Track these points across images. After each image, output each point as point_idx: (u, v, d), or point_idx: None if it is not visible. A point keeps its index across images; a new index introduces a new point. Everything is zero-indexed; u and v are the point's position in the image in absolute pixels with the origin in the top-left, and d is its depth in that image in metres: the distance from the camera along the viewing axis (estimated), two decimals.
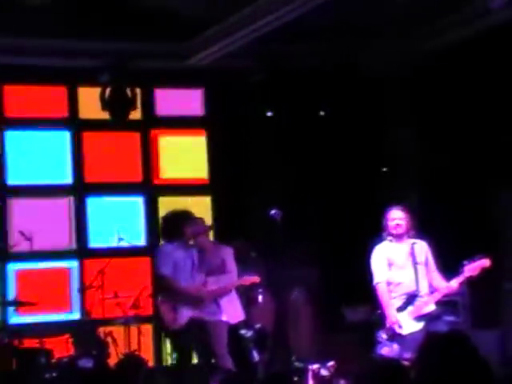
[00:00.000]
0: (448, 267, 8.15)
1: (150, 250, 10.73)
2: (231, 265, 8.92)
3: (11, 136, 10.94)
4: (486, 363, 3.61)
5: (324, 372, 8.75)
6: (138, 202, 11.30)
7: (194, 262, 8.66)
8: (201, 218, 9.08)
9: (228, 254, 8.98)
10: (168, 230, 8.82)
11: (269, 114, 10.96)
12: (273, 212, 8.94)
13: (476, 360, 3.61)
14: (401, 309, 7.88)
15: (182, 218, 8.77)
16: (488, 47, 9.58)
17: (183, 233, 8.67)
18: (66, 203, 11.10)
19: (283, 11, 9.42)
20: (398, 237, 8.04)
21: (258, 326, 9.25)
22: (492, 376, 3.59)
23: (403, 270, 7.93)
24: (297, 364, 9.13)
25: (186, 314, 8.41)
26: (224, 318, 8.72)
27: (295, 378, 8.52)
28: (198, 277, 8.67)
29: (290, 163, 11.07)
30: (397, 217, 8.09)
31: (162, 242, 9.14)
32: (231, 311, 8.82)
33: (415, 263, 7.91)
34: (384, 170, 11.17)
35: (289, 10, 9.36)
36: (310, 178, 10.89)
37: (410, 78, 10.93)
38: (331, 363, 8.87)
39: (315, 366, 9.21)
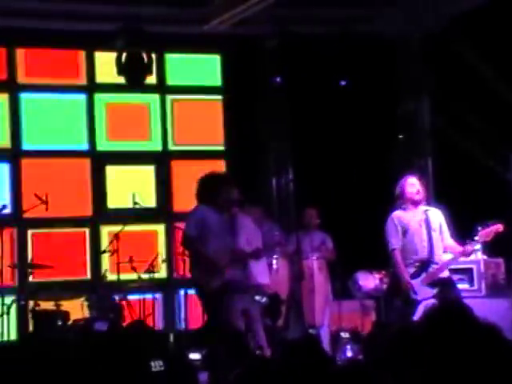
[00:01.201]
0: (462, 233, 8.14)
1: (162, 216, 10.82)
2: (256, 229, 8.95)
3: (26, 99, 10.86)
4: (488, 332, 3.52)
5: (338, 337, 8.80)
6: (152, 169, 11.28)
7: (226, 225, 8.53)
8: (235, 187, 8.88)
9: (251, 218, 9.00)
10: (203, 193, 8.59)
11: (278, 79, 10.96)
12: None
13: (475, 330, 3.53)
14: (415, 275, 7.86)
15: (219, 183, 8.63)
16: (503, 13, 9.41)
17: (218, 197, 8.49)
18: (82, 168, 11.06)
19: None
20: (416, 203, 8.05)
21: (271, 292, 9.19)
22: (496, 344, 3.56)
23: (417, 237, 7.91)
24: (310, 330, 9.19)
25: (219, 277, 8.29)
26: (254, 281, 8.70)
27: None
28: (230, 240, 8.52)
29: (304, 128, 11.03)
30: (415, 183, 8.16)
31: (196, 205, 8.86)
32: (261, 275, 8.87)
33: (429, 230, 7.90)
34: (400, 136, 11.16)
35: None
36: (324, 144, 10.84)
37: (423, 45, 10.90)
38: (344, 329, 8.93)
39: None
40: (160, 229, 11.05)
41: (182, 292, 10.51)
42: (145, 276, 9.77)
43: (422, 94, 11.21)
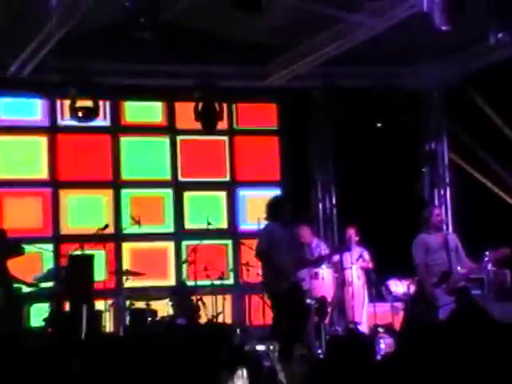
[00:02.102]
0: (475, 254, 8.33)
1: (232, 235, 10.95)
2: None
3: (126, 141, 11.10)
4: (502, 327, 3.60)
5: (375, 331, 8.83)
6: (222, 196, 11.34)
7: (288, 239, 8.56)
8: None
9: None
10: (271, 212, 8.57)
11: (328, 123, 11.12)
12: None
13: (491, 326, 3.60)
14: (437, 285, 8.06)
15: (282, 203, 8.71)
16: None
17: (282, 215, 8.52)
18: (166, 196, 11.13)
19: (340, 42, 9.40)
20: (439, 229, 8.34)
21: (320, 296, 9.29)
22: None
23: (439, 255, 8.15)
24: (351, 326, 9.25)
25: (286, 281, 8.33)
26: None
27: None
28: (292, 252, 8.59)
29: (345, 162, 11.09)
30: (440, 213, 8.54)
31: (265, 222, 8.82)
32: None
33: (448, 250, 8.14)
34: (423, 169, 11.24)
35: (345, 41, 9.32)
36: (362, 175, 10.85)
37: (442, 95, 11.06)
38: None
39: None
40: (229, 244, 11.16)
41: (246, 295, 10.51)
42: (216, 282, 9.81)
43: (442, 135, 11.30)
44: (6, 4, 7.55)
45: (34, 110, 10.78)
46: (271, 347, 7.69)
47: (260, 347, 7.87)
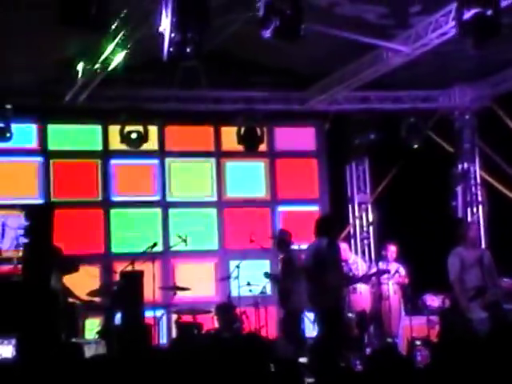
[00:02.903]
0: (505, 271, 8.40)
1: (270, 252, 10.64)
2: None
3: (171, 162, 11.15)
4: None
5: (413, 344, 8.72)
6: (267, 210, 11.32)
7: (336, 256, 8.38)
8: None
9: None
10: (320, 230, 8.31)
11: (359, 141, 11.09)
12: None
13: None
14: (472, 299, 7.96)
15: (331, 222, 8.58)
16: None
17: (331, 232, 8.35)
18: (211, 212, 11.16)
19: (375, 68, 9.40)
20: (474, 245, 8.29)
21: (360, 309, 9.26)
22: None
23: (473, 270, 8.06)
24: (389, 340, 9.19)
25: (334, 298, 8.22)
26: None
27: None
28: (340, 267, 8.57)
29: (382, 182, 11.15)
30: (476, 230, 8.73)
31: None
32: None
33: (482, 266, 8.05)
34: (457, 188, 11.11)
35: (380, 67, 9.34)
36: (399, 194, 10.82)
37: (475, 118, 10.96)
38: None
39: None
40: (267, 263, 10.99)
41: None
42: (258, 295, 9.77)
43: (474, 155, 11.20)
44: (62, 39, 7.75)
45: (85, 136, 10.87)
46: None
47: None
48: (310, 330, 9.11)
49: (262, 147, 10.79)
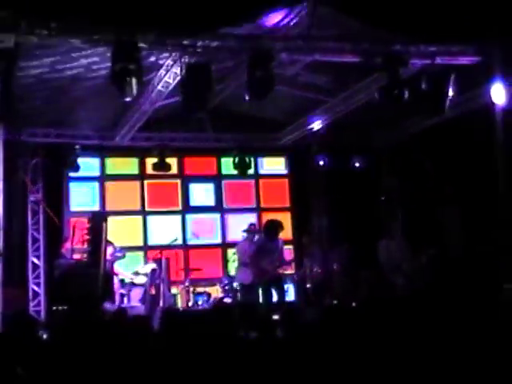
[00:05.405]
0: None
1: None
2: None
3: (192, 185, 11.00)
4: None
5: None
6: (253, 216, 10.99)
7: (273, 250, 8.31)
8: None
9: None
10: (269, 230, 8.37)
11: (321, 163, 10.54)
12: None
13: None
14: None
15: (277, 225, 8.52)
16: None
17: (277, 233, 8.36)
18: (216, 218, 10.92)
19: (330, 114, 9.21)
20: None
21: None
22: None
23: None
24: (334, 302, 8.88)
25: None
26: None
27: None
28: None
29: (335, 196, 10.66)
30: None
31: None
32: None
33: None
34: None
35: (333, 113, 9.13)
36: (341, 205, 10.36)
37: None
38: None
39: None
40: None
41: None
42: None
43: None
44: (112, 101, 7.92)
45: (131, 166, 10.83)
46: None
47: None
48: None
49: (250, 171, 10.57)
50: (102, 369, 3.00)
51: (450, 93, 6.68)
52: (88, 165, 10.38)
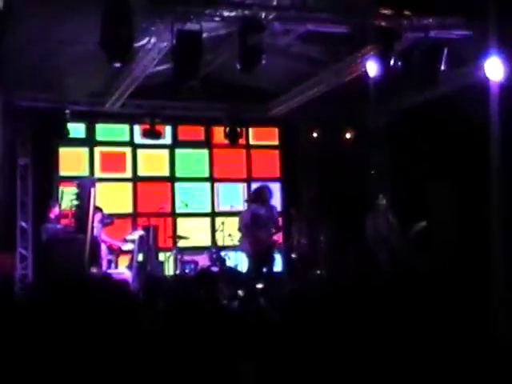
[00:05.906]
0: None
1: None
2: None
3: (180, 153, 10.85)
4: None
5: None
6: (243, 185, 11.01)
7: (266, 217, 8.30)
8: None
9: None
10: (257, 195, 8.38)
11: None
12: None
13: None
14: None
15: (265, 190, 8.49)
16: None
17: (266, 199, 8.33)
18: (205, 187, 10.89)
19: (321, 87, 9.14)
20: None
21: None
22: None
23: None
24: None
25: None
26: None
27: None
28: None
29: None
30: None
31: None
32: None
33: None
34: None
35: (324, 86, 8.98)
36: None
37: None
38: None
39: None
40: None
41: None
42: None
43: None
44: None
45: (121, 132, 10.71)
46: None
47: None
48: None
49: (241, 141, 10.54)
50: (81, 332, 3.01)
51: (443, 67, 6.64)
52: (78, 130, 10.21)
